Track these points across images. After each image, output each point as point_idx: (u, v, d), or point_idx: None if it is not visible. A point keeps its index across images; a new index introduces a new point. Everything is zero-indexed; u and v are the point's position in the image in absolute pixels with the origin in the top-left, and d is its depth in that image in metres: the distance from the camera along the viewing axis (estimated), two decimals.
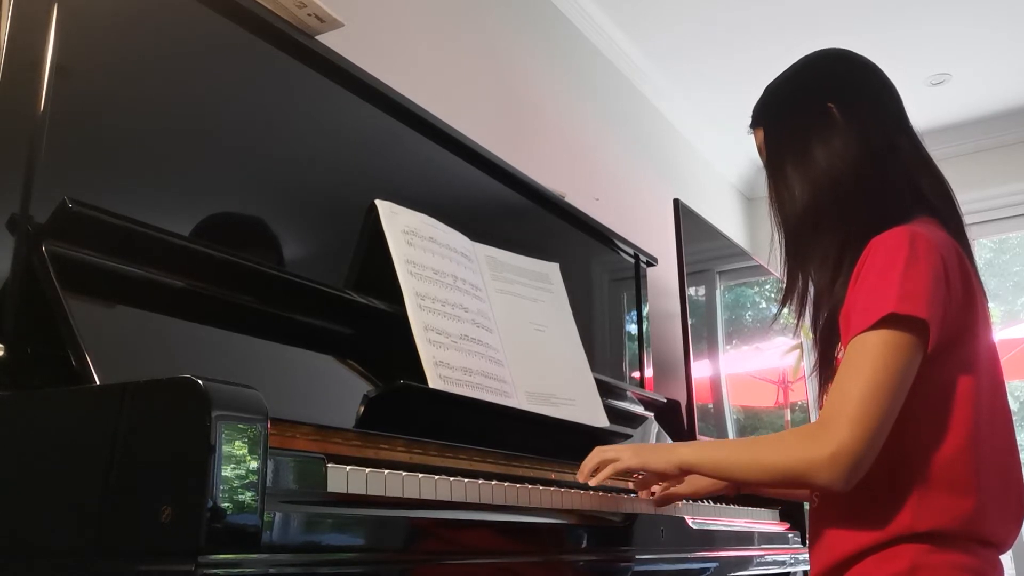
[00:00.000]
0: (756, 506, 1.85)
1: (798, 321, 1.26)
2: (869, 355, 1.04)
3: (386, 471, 0.93)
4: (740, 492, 1.62)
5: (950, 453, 1.07)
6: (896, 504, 1.07)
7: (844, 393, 1.04)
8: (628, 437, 1.81)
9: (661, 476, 1.28)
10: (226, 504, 0.68)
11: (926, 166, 1.23)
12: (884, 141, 1.21)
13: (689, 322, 2.47)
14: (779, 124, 1.29)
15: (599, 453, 1.25)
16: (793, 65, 1.33)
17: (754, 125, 1.35)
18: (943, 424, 1.08)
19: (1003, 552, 1.12)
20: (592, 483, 1.22)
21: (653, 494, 1.41)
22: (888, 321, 1.04)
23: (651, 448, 1.28)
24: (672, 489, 1.43)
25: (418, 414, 1.25)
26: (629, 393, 2.10)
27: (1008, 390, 1.21)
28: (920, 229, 1.11)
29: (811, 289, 1.23)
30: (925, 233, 1.10)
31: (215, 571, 0.67)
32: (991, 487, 1.09)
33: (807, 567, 1.89)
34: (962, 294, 1.10)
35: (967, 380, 1.09)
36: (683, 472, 1.22)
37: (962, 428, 1.08)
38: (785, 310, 1.27)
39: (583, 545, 1.18)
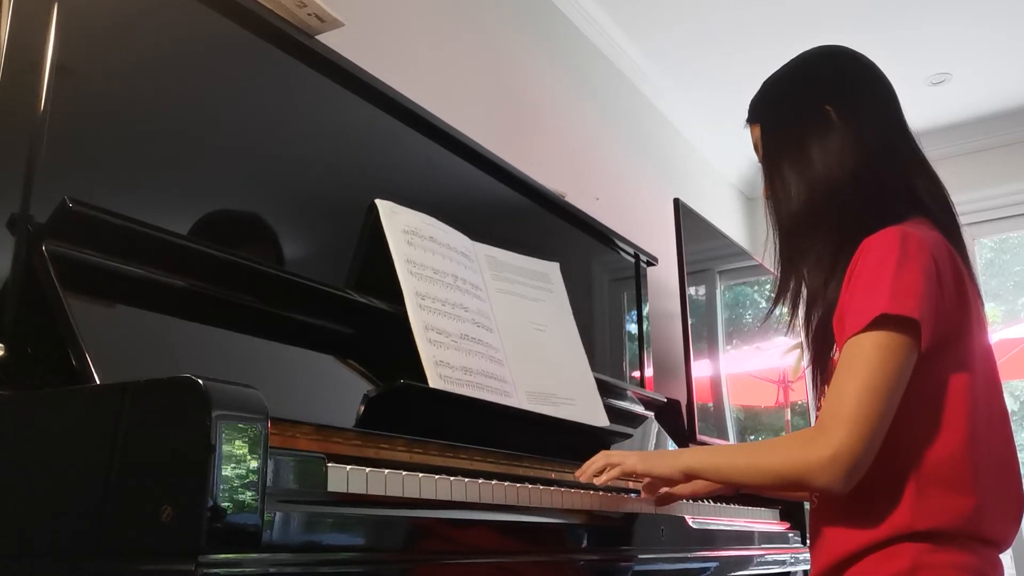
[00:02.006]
0: (756, 506, 1.85)
1: (791, 320, 1.26)
2: (863, 357, 1.05)
3: (386, 471, 0.93)
4: (739, 492, 1.62)
5: (947, 452, 1.07)
6: (895, 503, 1.07)
7: (840, 396, 1.05)
8: (628, 437, 1.80)
9: (666, 481, 1.30)
10: (226, 504, 0.68)
11: (922, 168, 1.23)
12: (880, 142, 1.21)
13: (689, 322, 2.47)
14: (775, 122, 1.29)
15: (604, 457, 1.26)
16: (791, 61, 1.33)
17: (751, 120, 1.34)
18: (939, 423, 1.08)
19: (1003, 551, 1.12)
20: (598, 482, 1.24)
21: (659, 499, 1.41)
22: (881, 322, 1.04)
23: (656, 454, 1.32)
24: (672, 489, 1.43)
25: (418, 414, 1.25)
26: (629, 393, 2.10)
27: (1009, 390, 1.21)
28: (912, 229, 1.11)
29: (804, 289, 1.23)
30: (916, 233, 1.10)
31: (215, 571, 0.67)
32: (990, 486, 1.09)
33: (807, 567, 1.89)
34: (955, 294, 1.10)
35: (962, 379, 1.09)
36: (687, 477, 1.24)
37: (959, 427, 1.08)
38: (777, 310, 1.28)
39: (583, 545, 1.18)
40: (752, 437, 2.97)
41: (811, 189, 1.21)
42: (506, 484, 1.10)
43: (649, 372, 2.42)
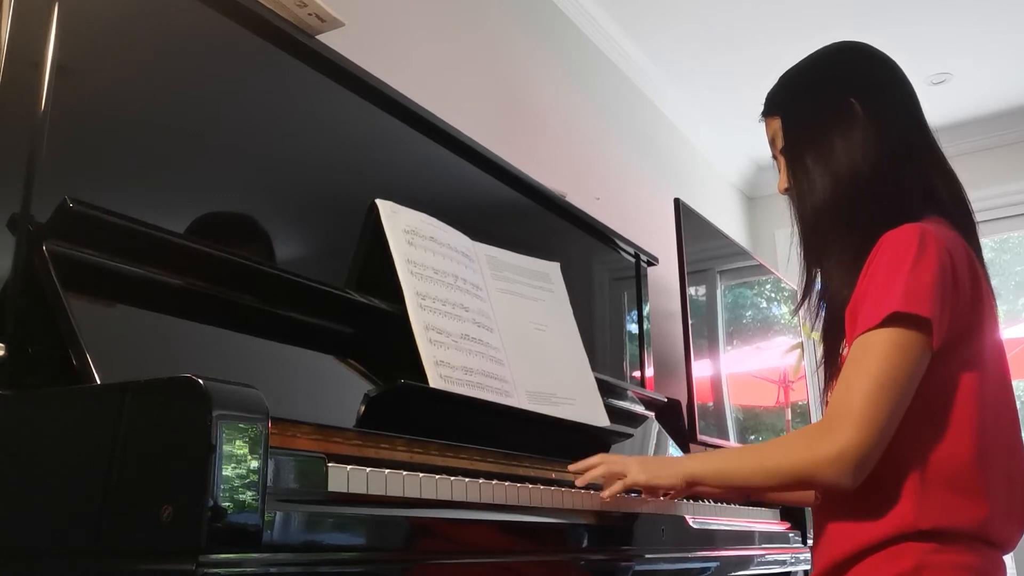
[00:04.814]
0: (757, 506, 1.85)
1: (815, 319, 1.25)
2: (874, 354, 1.04)
3: (387, 470, 0.93)
4: (747, 498, 1.59)
5: (954, 451, 1.07)
6: (899, 501, 1.07)
7: (849, 392, 1.04)
8: (629, 437, 1.80)
9: (668, 491, 1.27)
10: (227, 503, 0.68)
11: (940, 166, 1.23)
12: (901, 139, 1.20)
13: (690, 321, 2.47)
14: (800, 114, 1.27)
15: (604, 463, 1.24)
16: (813, 55, 1.32)
17: (768, 113, 1.32)
18: (947, 422, 1.08)
19: (1007, 552, 1.12)
20: (604, 496, 1.22)
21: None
22: (893, 319, 1.04)
23: (657, 463, 1.26)
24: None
25: (419, 413, 1.25)
26: (630, 392, 2.10)
27: None
28: (930, 227, 1.10)
29: (824, 284, 1.22)
30: (934, 231, 1.10)
31: (216, 571, 0.67)
32: (998, 488, 1.09)
33: (807, 567, 1.89)
34: (970, 293, 1.10)
35: (972, 378, 1.09)
36: (690, 486, 1.21)
37: (966, 426, 1.07)
38: (797, 306, 1.27)
39: (584, 544, 1.18)
40: (752, 437, 2.97)
41: (836, 182, 1.20)
42: (506, 484, 1.10)
43: (649, 372, 2.42)
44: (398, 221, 1.41)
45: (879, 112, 1.21)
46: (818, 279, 1.23)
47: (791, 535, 1.91)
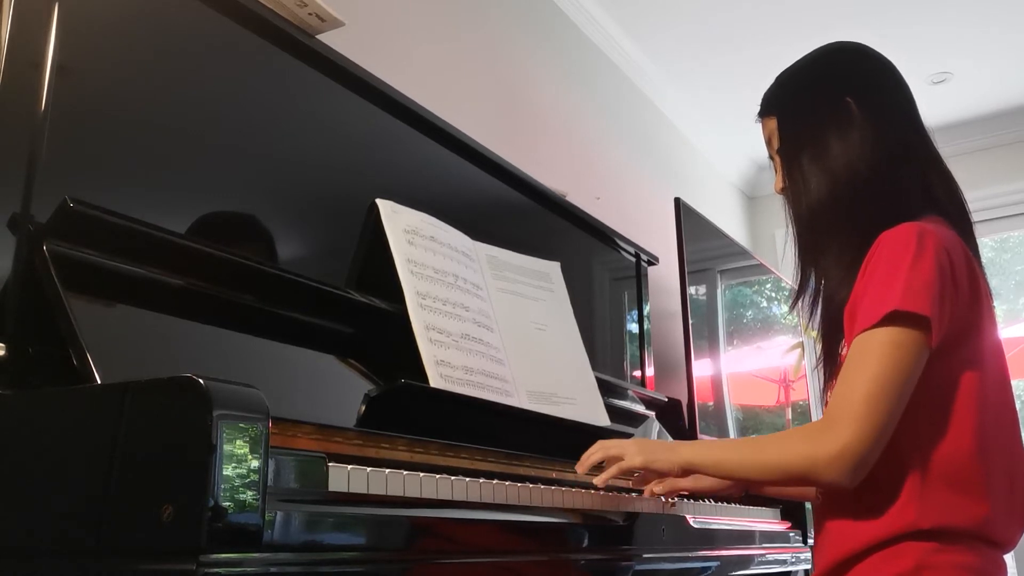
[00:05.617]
0: (757, 505, 1.85)
1: (811, 316, 1.25)
2: (874, 353, 1.04)
3: (387, 470, 0.93)
4: (747, 493, 1.60)
5: (954, 450, 1.07)
6: (900, 501, 1.07)
7: (849, 391, 1.04)
8: (629, 436, 1.80)
9: (662, 475, 1.28)
10: (227, 503, 0.68)
11: (937, 166, 1.23)
12: (898, 139, 1.20)
13: (690, 321, 2.47)
14: (795, 114, 1.27)
15: (602, 449, 1.25)
16: (809, 55, 1.31)
17: (764, 113, 1.32)
18: (947, 420, 1.08)
19: (1007, 552, 1.12)
20: (598, 483, 1.23)
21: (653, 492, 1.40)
22: (893, 318, 1.04)
23: (655, 446, 1.27)
24: (677, 483, 1.41)
25: (419, 413, 1.25)
26: (630, 392, 2.10)
27: None
28: (928, 226, 1.10)
29: (820, 283, 1.22)
30: (933, 230, 1.10)
31: (216, 570, 0.67)
32: (1000, 487, 1.09)
33: (808, 566, 1.89)
34: (969, 291, 1.10)
35: (972, 377, 1.09)
36: (685, 472, 1.23)
37: (967, 425, 1.07)
38: (792, 305, 1.27)
39: (584, 544, 1.18)
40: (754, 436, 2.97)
41: (833, 182, 1.19)
42: (507, 483, 1.10)
43: (650, 371, 2.42)
44: (398, 221, 1.41)
45: (876, 112, 1.21)
46: (813, 278, 1.23)
47: (792, 534, 1.91)
